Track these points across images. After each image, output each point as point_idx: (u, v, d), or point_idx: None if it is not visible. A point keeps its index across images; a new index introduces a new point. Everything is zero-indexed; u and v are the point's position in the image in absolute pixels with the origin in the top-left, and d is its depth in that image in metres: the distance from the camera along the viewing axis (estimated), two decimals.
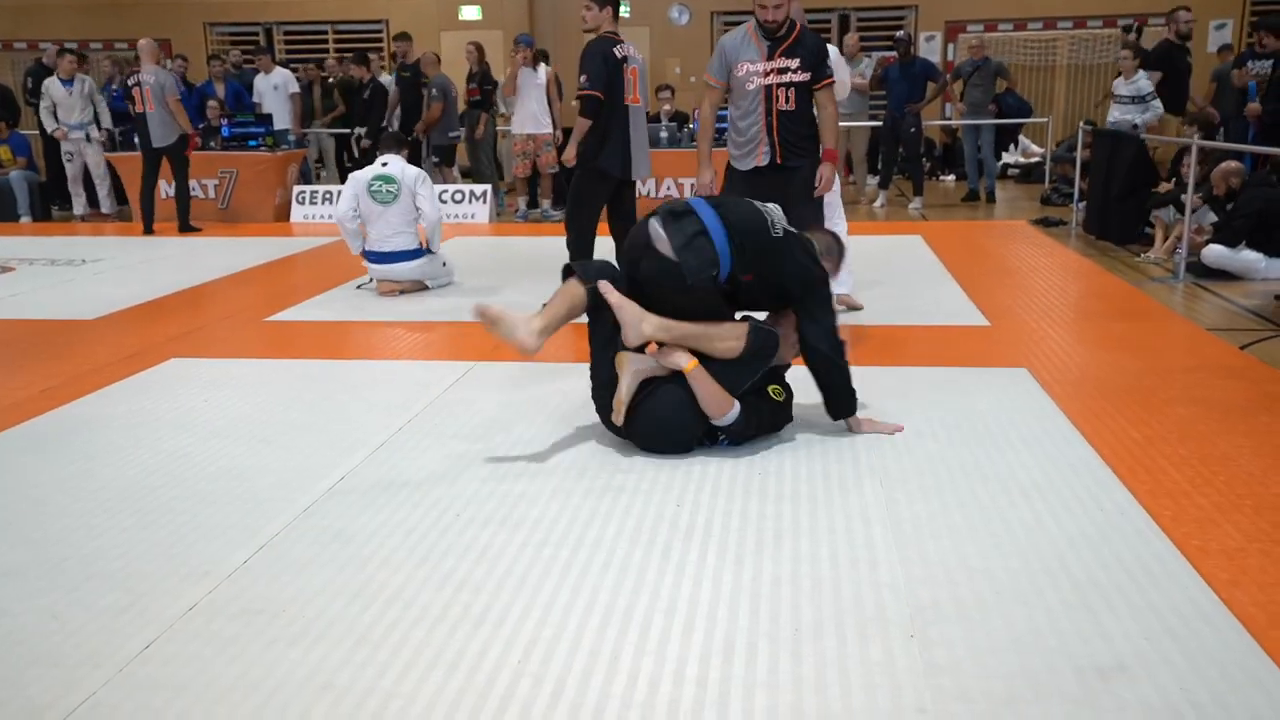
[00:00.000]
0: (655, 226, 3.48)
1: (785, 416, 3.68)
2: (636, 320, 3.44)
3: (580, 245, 5.60)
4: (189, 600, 2.57)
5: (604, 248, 5.29)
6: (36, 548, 2.90)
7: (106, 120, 10.75)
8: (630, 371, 3.45)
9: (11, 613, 2.54)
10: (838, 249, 3.88)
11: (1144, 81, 9.17)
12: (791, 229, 3.62)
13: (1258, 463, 3.32)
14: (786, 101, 4.68)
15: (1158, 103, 9.19)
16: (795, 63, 4.66)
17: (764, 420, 3.58)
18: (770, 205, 3.69)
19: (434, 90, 10.34)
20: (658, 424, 3.49)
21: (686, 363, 3.42)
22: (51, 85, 10.46)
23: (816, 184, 4.82)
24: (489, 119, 10.70)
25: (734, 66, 4.75)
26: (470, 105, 10.65)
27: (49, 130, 10.64)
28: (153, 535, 2.96)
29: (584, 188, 5.60)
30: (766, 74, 4.67)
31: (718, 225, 3.45)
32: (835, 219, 5.57)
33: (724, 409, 3.43)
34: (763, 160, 4.78)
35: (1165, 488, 3.13)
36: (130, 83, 9.42)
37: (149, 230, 9.53)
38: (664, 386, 3.47)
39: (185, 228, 9.51)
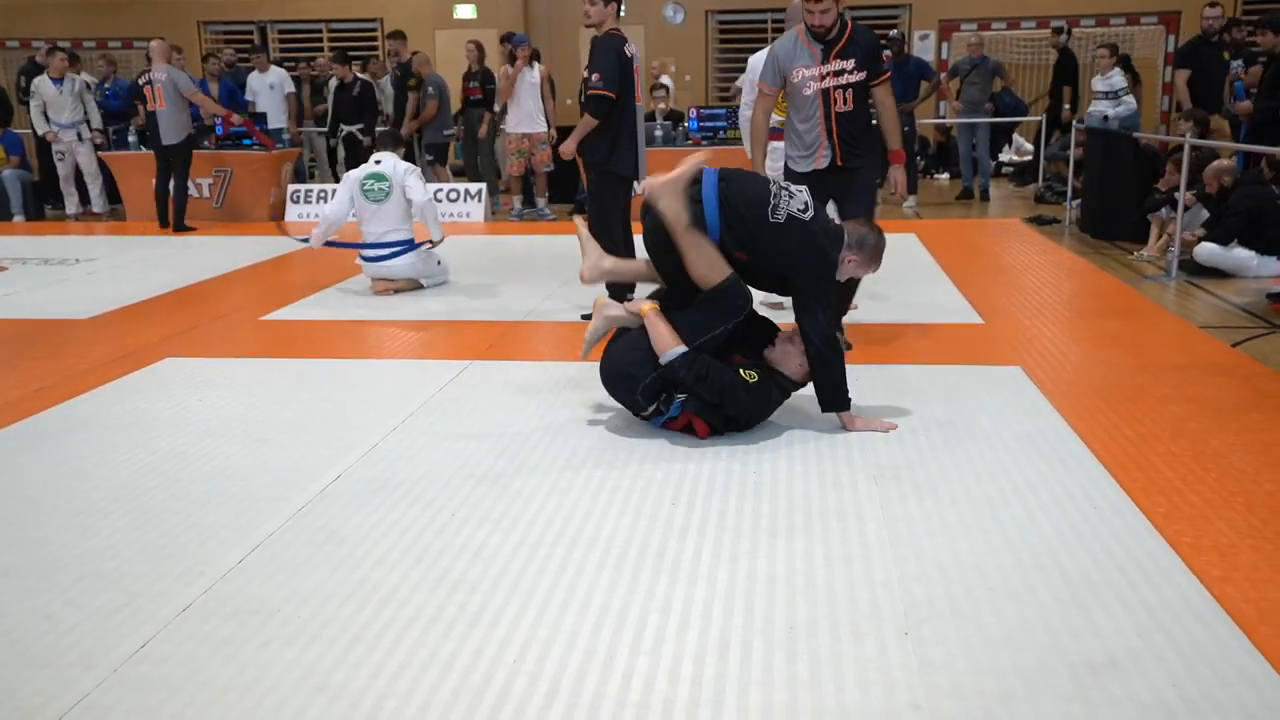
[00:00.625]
0: None
1: (745, 404, 3.63)
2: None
3: (621, 251, 5.63)
4: (183, 600, 2.57)
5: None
6: (30, 548, 2.90)
7: (96, 120, 10.73)
8: (603, 316, 3.81)
9: (4, 613, 2.54)
10: (873, 242, 3.76)
11: (1118, 77, 9.40)
12: (803, 216, 3.63)
13: (1249, 460, 3.33)
14: (845, 103, 4.62)
15: (1130, 98, 9.37)
16: (850, 63, 4.58)
17: (709, 379, 3.54)
18: (796, 189, 3.73)
19: (429, 88, 10.34)
20: (609, 360, 3.77)
21: (645, 306, 3.68)
22: (42, 84, 10.46)
23: (892, 189, 4.86)
24: (492, 118, 10.66)
25: (789, 73, 4.67)
26: (472, 105, 10.63)
27: (39, 132, 10.63)
28: (147, 535, 2.96)
29: (602, 192, 5.55)
30: (822, 78, 4.60)
31: (713, 197, 3.59)
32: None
33: (668, 346, 3.55)
34: (822, 163, 4.72)
35: (1158, 485, 3.15)
36: (141, 81, 9.56)
37: (164, 225, 9.67)
38: (626, 333, 3.75)
39: (180, 227, 9.55)
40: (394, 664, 2.27)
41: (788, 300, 3.79)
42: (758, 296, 3.83)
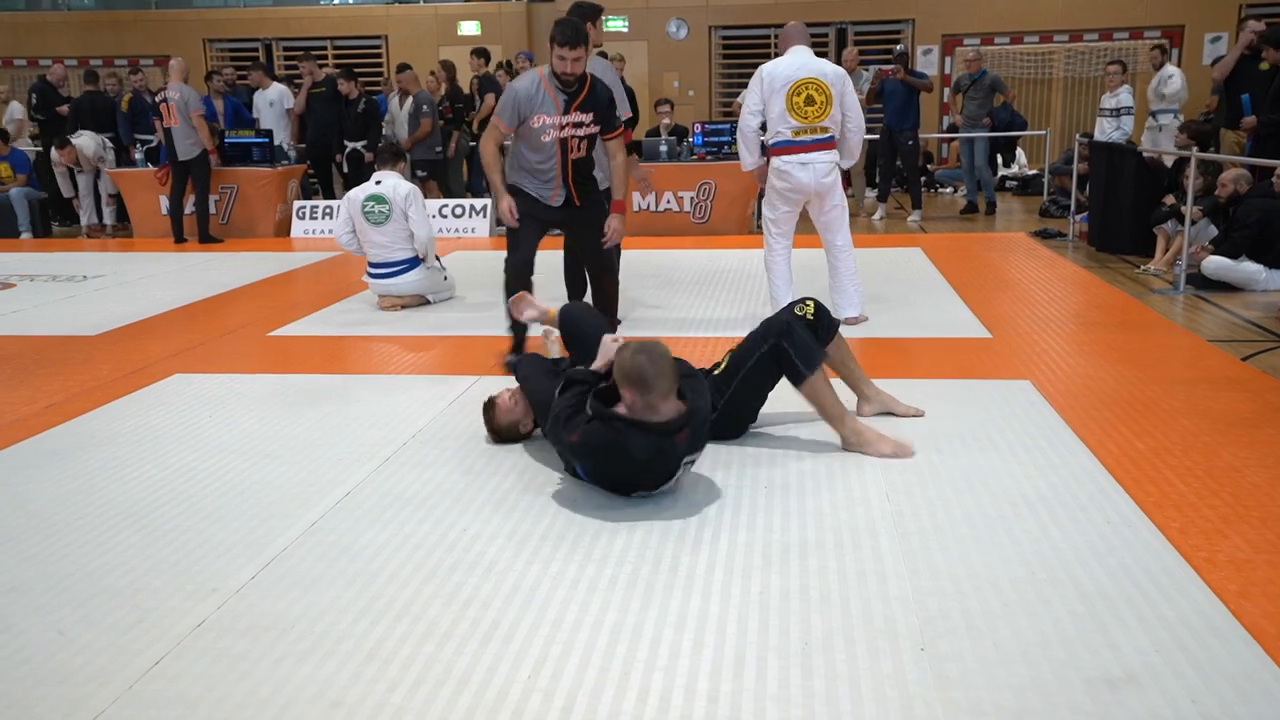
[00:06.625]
0: None
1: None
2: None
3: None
4: (197, 617, 2.56)
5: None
6: (41, 564, 2.90)
7: (110, 165, 10.96)
8: None
9: (17, 629, 2.54)
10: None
11: (1125, 95, 9.41)
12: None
13: (1263, 474, 3.32)
14: (579, 150, 4.66)
15: (1130, 119, 9.36)
16: (589, 117, 4.62)
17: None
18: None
19: (424, 107, 10.41)
20: None
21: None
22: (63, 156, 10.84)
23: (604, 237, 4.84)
24: (460, 136, 10.92)
25: (528, 118, 4.58)
26: (444, 123, 10.82)
27: (66, 195, 11.01)
28: (159, 551, 2.95)
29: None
30: (562, 128, 4.59)
31: None
32: (840, 231, 5.59)
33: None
34: (558, 200, 4.79)
35: (1171, 499, 3.14)
36: (158, 98, 9.82)
37: (179, 240, 9.88)
38: None
39: (205, 239, 9.84)
40: (409, 680, 2.26)
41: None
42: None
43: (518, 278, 4.80)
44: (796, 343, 3.55)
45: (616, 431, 3.09)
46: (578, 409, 3.25)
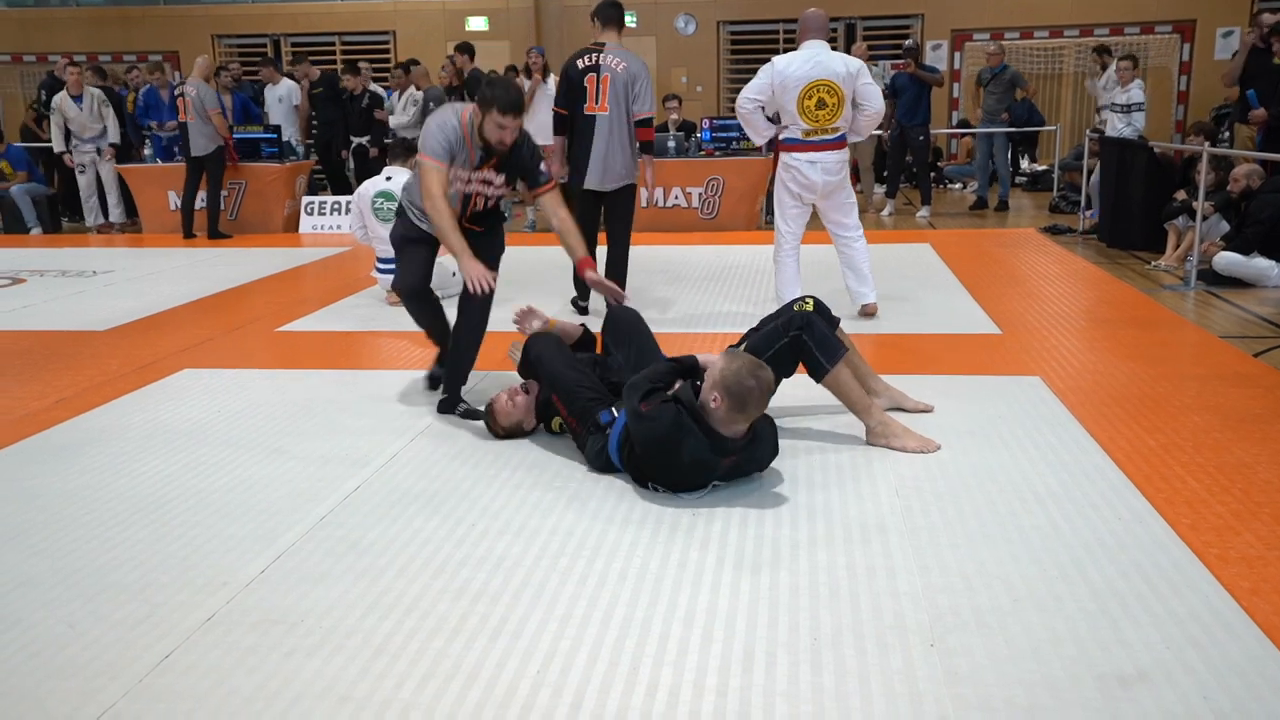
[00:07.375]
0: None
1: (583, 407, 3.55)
2: None
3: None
4: (206, 611, 2.57)
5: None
6: (51, 558, 2.90)
7: (114, 133, 10.79)
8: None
9: (27, 623, 2.54)
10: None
11: (1136, 91, 9.33)
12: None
13: (1275, 470, 3.31)
14: (481, 205, 4.20)
15: (1141, 115, 9.28)
16: (501, 178, 4.15)
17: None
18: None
19: (431, 104, 10.42)
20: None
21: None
22: (64, 103, 10.59)
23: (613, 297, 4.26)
24: None
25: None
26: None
27: (57, 150, 10.80)
28: (168, 546, 2.96)
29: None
30: (468, 181, 4.05)
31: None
32: (851, 222, 5.59)
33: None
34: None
35: (1182, 495, 3.12)
36: (176, 93, 9.92)
37: (188, 235, 9.91)
38: None
39: (215, 234, 9.88)
40: (418, 675, 2.26)
41: None
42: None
43: (413, 301, 4.29)
44: (817, 336, 3.54)
45: (679, 426, 3.11)
46: (661, 386, 3.33)
